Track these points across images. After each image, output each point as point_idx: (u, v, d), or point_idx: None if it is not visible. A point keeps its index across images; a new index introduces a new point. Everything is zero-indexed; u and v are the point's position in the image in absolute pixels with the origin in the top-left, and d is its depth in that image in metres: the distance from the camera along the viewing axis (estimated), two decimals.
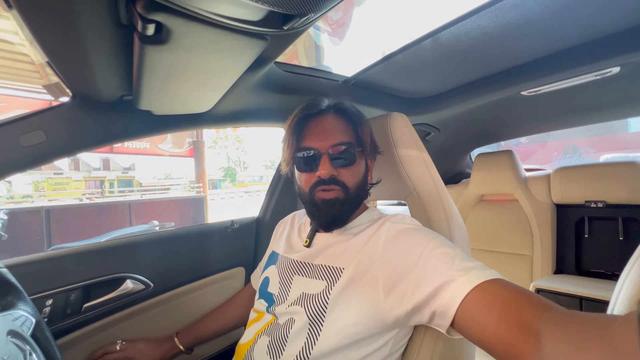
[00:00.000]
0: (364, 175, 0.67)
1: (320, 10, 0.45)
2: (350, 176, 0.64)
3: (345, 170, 0.63)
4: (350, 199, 0.64)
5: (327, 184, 0.62)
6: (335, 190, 0.63)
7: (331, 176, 0.62)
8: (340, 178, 0.63)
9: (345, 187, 0.63)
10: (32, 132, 0.71)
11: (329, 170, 0.62)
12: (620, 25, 0.75)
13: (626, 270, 0.41)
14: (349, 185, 0.63)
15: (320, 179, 0.62)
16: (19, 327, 0.46)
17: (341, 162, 0.63)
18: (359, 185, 0.65)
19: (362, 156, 0.66)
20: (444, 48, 0.82)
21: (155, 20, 0.42)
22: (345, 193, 0.63)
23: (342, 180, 0.63)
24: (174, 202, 7.13)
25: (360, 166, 0.66)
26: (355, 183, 0.64)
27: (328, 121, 0.66)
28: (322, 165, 0.62)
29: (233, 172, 23.82)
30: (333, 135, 0.64)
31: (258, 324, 0.68)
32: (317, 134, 0.65)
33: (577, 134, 8.55)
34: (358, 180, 0.65)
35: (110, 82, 0.67)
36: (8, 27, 3.06)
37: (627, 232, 1.35)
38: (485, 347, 0.44)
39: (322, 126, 0.65)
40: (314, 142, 0.64)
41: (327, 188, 0.63)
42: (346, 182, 0.63)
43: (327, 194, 0.63)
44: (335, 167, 0.63)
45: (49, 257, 0.80)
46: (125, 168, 14.32)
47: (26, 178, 10.76)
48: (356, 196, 0.65)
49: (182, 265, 1.01)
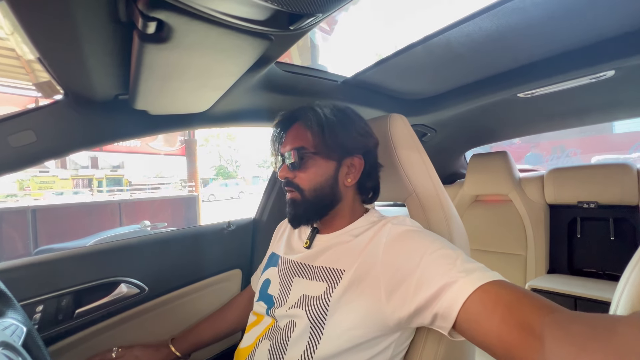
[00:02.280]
0: (329, 177, 0.66)
1: (328, 10, 0.44)
2: (304, 179, 0.66)
3: (300, 172, 0.67)
4: (306, 201, 0.66)
5: (287, 185, 0.69)
6: (291, 191, 0.68)
7: (285, 178, 0.68)
8: (295, 180, 0.67)
9: (300, 189, 0.67)
10: (21, 132, 0.68)
11: (284, 173, 0.68)
12: (616, 30, 0.77)
13: (627, 272, 0.42)
14: (303, 187, 0.67)
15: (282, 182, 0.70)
16: (9, 338, 0.44)
17: (292, 165, 0.67)
18: (319, 187, 0.66)
19: (324, 158, 0.66)
20: (445, 50, 0.82)
21: (157, 18, 0.40)
22: (301, 194, 0.67)
23: (296, 183, 0.67)
24: (166, 202, 7.02)
25: (321, 168, 0.66)
26: (310, 185, 0.66)
27: (293, 128, 0.70)
28: (281, 169, 0.69)
29: (225, 171, 23.60)
30: (290, 141, 0.69)
31: (258, 327, 0.67)
32: (284, 142, 0.71)
33: (568, 135, 8.76)
34: (315, 182, 0.66)
35: (105, 81, 0.65)
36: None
37: (617, 233, 1.39)
38: (487, 349, 0.44)
39: (287, 135, 0.71)
40: (282, 149, 0.70)
41: (287, 189, 0.69)
42: (300, 184, 0.67)
43: (288, 194, 0.69)
44: (292, 170, 0.68)
45: (39, 261, 0.77)
46: (114, 166, 14.05)
47: (10, 176, 10.46)
48: (314, 198, 0.66)
49: (177, 268, 0.99)
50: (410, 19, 41.01)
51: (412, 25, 37.38)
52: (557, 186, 1.50)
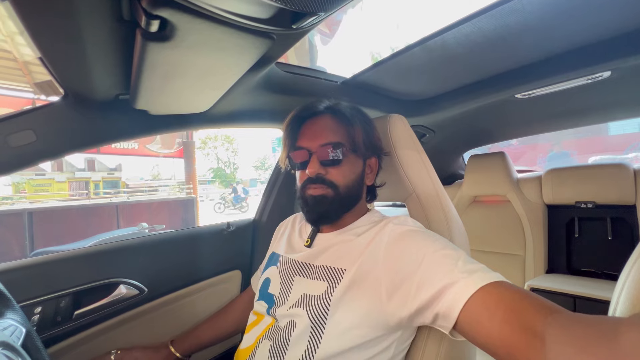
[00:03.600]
0: (359, 175, 0.67)
1: (331, 8, 0.44)
2: (339, 175, 0.64)
3: (333, 169, 0.64)
4: (339, 198, 0.64)
5: (314, 182, 0.64)
6: (321, 188, 0.64)
7: (317, 174, 0.64)
8: (328, 177, 0.64)
9: (334, 186, 0.64)
10: (21, 132, 0.68)
11: (316, 169, 0.64)
12: (612, 31, 0.77)
13: (626, 271, 0.42)
14: (337, 183, 0.64)
15: (309, 177, 0.65)
16: (8, 338, 0.44)
17: (329, 161, 0.64)
18: (350, 185, 0.66)
19: (356, 156, 0.67)
20: (443, 50, 0.83)
21: (160, 17, 0.40)
22: (334, 191, 0.64)
23: (329, 179, 0.64)
24: (163, 204, 6.99)
25: (353, 166, 0.66)
26: (345, 182, 0.65)
27: (321, 122, 0.67)
28: (311, 163, 0.64)
29: (223, 173, 23.55)
30: (323, 135, 0.65)
31: (258, 327, 0.66)
32: (309, 134, 0.67)
33: (564, 136, 8.81)
34: (349, 179, 0.65)
35: (106, 81, 0.65)
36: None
37: (615, 232, 1.40)
38: (488, 349, 0.44)
39: (315, 127, 0.67)
40: (306, 142, 0.66)
41: (315, 186, 0.65)
42: (334, 180, 0.64)
43: (314, 191, 0.65)
44: (324, 166, 0.64)
45: (37, 263, 0.77)
46: (111, 169, 13.97)
47: (6, 179, 10.37)
48: (347, 195, 0.65)
49: (177, 269, 0.99)
50: (408, 22, 41.22)
51: (411, 27, 37.49)
52: (554, 186, 1.51)
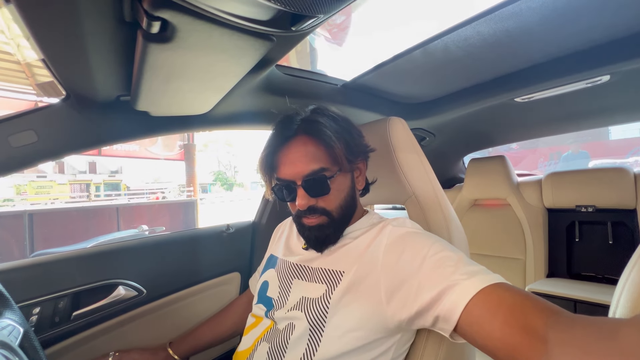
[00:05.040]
0: (349, 190, 0.65)
1: (330, 11, 0.45)
2: (330, 202, 0.62)
3: (322, 199, 0.62)
4: (334, 221, 0.63)
5: (307, 213, 0.62)
6: (315, 217, 0.62)
7: (309, 207, 0.61)
8: (319, 205, 0.62)
9: (327, 213, 0.62)
10: (22, 132, 0.68)
11: (306, 202, 0.61)
12: (611, 35, 0.78)
13: (626, 273, 0.42)
14: (329, 209, 0.62)
15: (299, 210, 0.62)
16: (6, 338, 0.44)
17: (316, 192, 0.61)
18: (344, 205, 0.64)
19: (341, 171, 0.63)
20: (443, 54, 0.83)
21: (161, 18, 0.41)
22: (329, 217, 0.62)
23: (321, 207, 0.62)
24: (164, 206, 6.98)
25: (342, 184, 0.64)
26: (337, 205, 0.63)
27: (298, 147, 0.62)
28: (299, 197, 0.61)
29: (223, 176, 23.56)
30: (302, 163, 0.60)
31: (257, 329, 0.66)
32: (288, 163, 0.62)
33: (565, 141, 8.80)
34: (341, 201, 0.63)
35: (107, 82, 0.66)
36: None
37: (616, 236, 1.39)
38: (489, 352, 0.43)
39: (292, 155, 0.62)
40: (287, 174, 0.62)
41: (309, 216, 0.62)
42: (326, 207, 0.62)
43: (309, 221, 0.63)
44: (313, 197, 0.61)
45: (36, 263, 0.77)
46: (112, 171, 14.00)
47: (8, 181, 10.41)
48: (342, 216, 0.64)
49: (176, 271, 0.99)
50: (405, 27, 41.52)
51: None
52: (555, 190, 1.50)
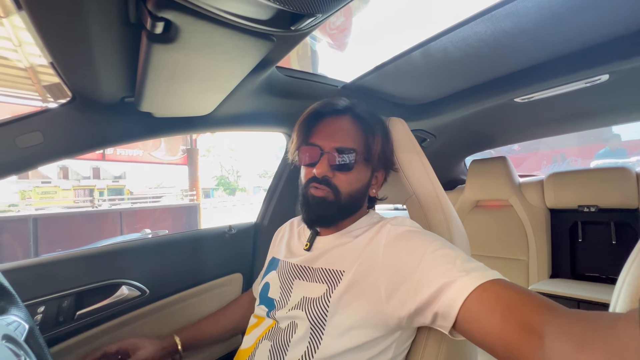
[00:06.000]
0: (364, 185, 0.67)
1: (328, 10, 0.46)
2: (345, 181, 0.64)
3: (341, 174, 0.63)
4: (339, 203, 0.64)
5: (319, 182, 0.63)
6: (324, 190, 0.63)
7: (324, 176, 0.63)
8: (334, 180, 0.63)
9: (337, 191, 0.63)
10: (29, 134, 0.70)
11: (324, 170, 0.63)
12: (609, 34, 0.78)
13: (625, 270, 0.42)
14: (341, 189, 0.63)
15: (315, 176, 0.63)
16: (12, 332, 0.45)
17: (338, 166, 0.63)
18: (354, 193, 0.65)
19: (367, 165, 0.66)
20: (442, 54, 0.84)
21: (165, 18, 0.42)
22: (336, 196, 0.63)
23: (335, 183, 0.63)
24: (166, 210, 7.01)
25: (361, 174, 0.66)
26: (349, 189, 0.64)
27: (340, 123, 0.66)
28: (320, 163, 0.63)
29: (226, 181, 23.64)
30: (340, 138, 0.64)
31: (258, 329, 0.67)
32: (325, 132, 0.65)
33: (567, 143, 8.75)
34: (354, 187, 0.65)
35: (112, 83, 0.67)
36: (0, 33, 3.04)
37: (619, 236, 1.38)
38: (487, 348, 0.43)
39: (332, 127, 0.65)
40: (319, 140, 0.65)
41: (318, 186, 0.63)
42: (339, 186, 0.63)
43: (317, 192, 0.64)
44: (332, 169, 0.63)
45: (41, 263, 0.78)
46: (116, 177, 14.11)
47: (13, 187, 10.51)
48: (348, 202, 0.65)
49: (178, 271, 0.99)
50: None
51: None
52: (557, 190, 1.50)
